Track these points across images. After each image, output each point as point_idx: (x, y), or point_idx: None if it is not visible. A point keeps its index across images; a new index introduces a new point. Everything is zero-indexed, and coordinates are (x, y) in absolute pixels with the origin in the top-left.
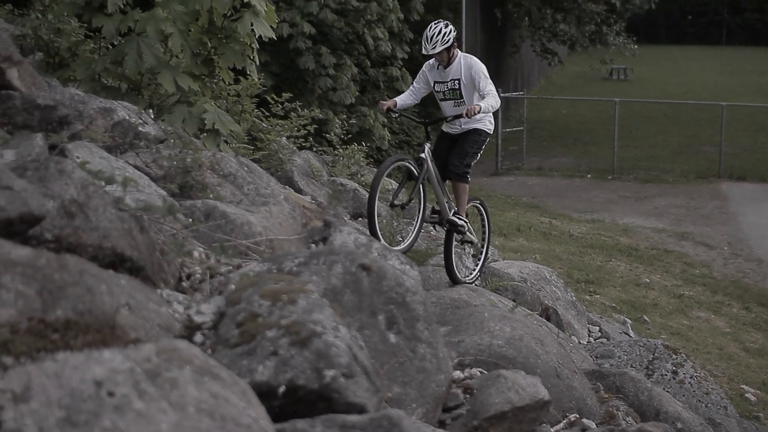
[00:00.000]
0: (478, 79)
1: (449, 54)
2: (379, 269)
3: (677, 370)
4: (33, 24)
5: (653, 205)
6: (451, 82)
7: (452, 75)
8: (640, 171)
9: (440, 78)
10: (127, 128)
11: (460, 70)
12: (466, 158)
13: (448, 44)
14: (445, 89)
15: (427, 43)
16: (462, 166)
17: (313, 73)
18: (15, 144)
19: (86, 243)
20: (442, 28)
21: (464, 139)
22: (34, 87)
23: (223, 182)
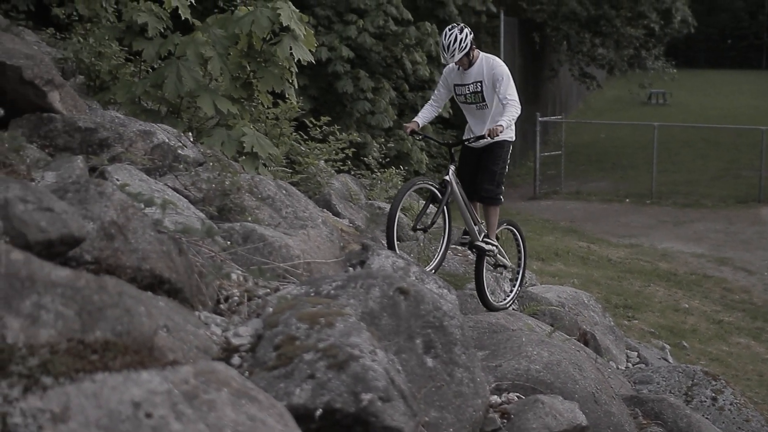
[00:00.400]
0: (499, 82)
1: (469, 58)
2: (416, 293)
3: (717, 397)
4: (74, 47)
5: (692, 230)
6: (473, 84)
7: (474, 77)
8: (679, 196)
9: (461, 80)
10: (167, 151)
11: (482, 72)
12: (495, 178)
13: (466, 50)
14: (466, 92)
15: (444, 52)
16: (494, 189)
17: (352, 96)
18: (56, 166)
19: (125, 265)
20: (457, 34)
21: (488, 158)
22: (75, 110)
23: (262, 205)
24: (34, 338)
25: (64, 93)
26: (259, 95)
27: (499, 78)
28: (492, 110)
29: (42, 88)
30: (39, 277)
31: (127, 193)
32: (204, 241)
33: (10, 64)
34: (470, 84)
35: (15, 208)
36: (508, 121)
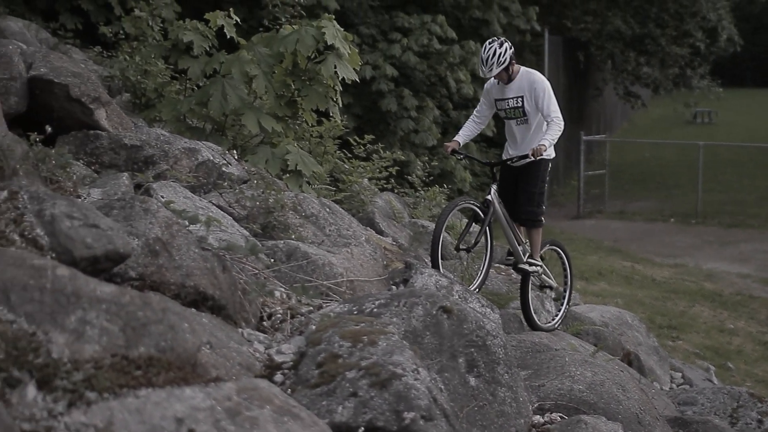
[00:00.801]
0: (541, 98)
1: (508, 73)
2: (459, 312)
3: (762, 419)
4: (121, 65)
5: (738, 250)
6: (513, 99)
7: (514, 92)
8: (724, 215)
9: (501, 95)
10: (211, 168)
11: (523, 87)
12: (534, 199)
13: (505, 64)
14: (507, 107)
15: (483, 66)
16: (535, 210)
17: (396, 115)
18: (102, 183)
19: (169, 281)
20: (496, 48)
21: (527, 179)
22: (121, 127)
23: (305, 223)
24: (79, 353)
25: (111, 110)
26: (304, 113)
27: (540, 93)
28: (533, 125)
29: (89, 106)
30: (84, 292)
31: (171, 210)
32: (248, 259)
33: (58, 82)
34: (510, 99)
35: (61, 225)
36: (552, 139)
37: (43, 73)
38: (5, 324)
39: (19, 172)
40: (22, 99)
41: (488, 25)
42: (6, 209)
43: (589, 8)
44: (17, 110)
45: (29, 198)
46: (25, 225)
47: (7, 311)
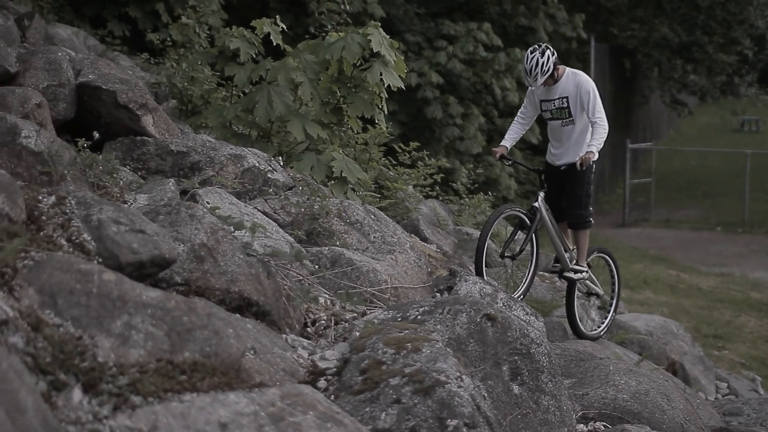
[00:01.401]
0: (587, 99)
1: (554, 78)
2: (504, 320)
3: None
4: (168, 72)
5: None
6: (559, 100)
7: (559, 92)
8: None
9: (546, 96)
10: (257, 175)
11: (569, 88)
12: (581, 201)
13: (549, 72)
14: (552, 107)
15: (527, 76)
16: (583, 213)
17: (441, 122)
18: (148, 189)
19: (214, 287)
20: (539, 57)
21: (572, 183)
22: (168, 133)
23: (350, 230)
24: (125, 357)
25: (157, 117)
26: (349, 120)
27: (586, 94)
28: (578, 126)
29: (136, 112)
30: (130, 297)
31: (217, 216)
32: (292, 265)
33: (106, 89)
34: (556, 99)
35: (108, 230)
36: (598, 145)
37: (91, 80)
38: (52, 328)
39: (67, 178)
40: (70, 105)
41: (534, 32)
42: (54, 214)
43: (636, 15)
44: (65, 116)
45: (77, 203)
46: (73, 230)
47: (54, 315)
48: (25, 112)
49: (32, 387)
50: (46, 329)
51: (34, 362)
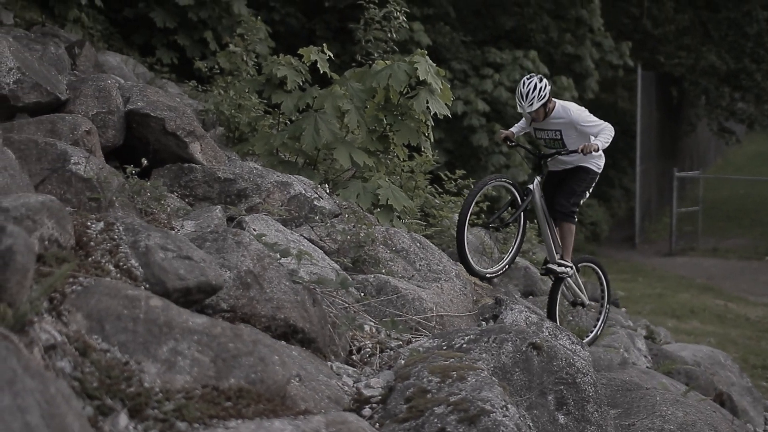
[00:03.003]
0: (581, 121)
1: (545, 109)
2: (549, 349)
3: None
4: (215, 100)
5: None
6: (552, 132)
7: (552, 125)
8: None
9: (539, 125)
10: (303, 202)
11: (561, 122)
12: (573, 197)
13: (544, 99)
14: (545, 137)
15: (522, 100)
16: (569, 205)
17: (487, 150)
18: (195, 215)
19: (260, 313)
20: (537, 82)
21: (571, 177)
22: (215, 160)
23: (396, 257)
24: (171, 383)
25: (205, 144)
26: (395, 148)
27: (582, 125)
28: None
29: (184, 139)
30: (176, 323)
31: (263, 243)
32: (338, 292)
33: (154, 116)
34: (549, 130)
35: (155, 256)
36: (604, 142)
37: (140, 107)
38: (99, 353)
39: (115, 204)
40: (119, 132)
41: (580, 60)
42: (102, 240)
43: (683, 43)
44: (114, 143)
45: (125, 229)
46: (120, 256)
47: (101, 340)
48: (75, 138)
49: (79, 411)
50: (94, 354)
51: (81, 387)
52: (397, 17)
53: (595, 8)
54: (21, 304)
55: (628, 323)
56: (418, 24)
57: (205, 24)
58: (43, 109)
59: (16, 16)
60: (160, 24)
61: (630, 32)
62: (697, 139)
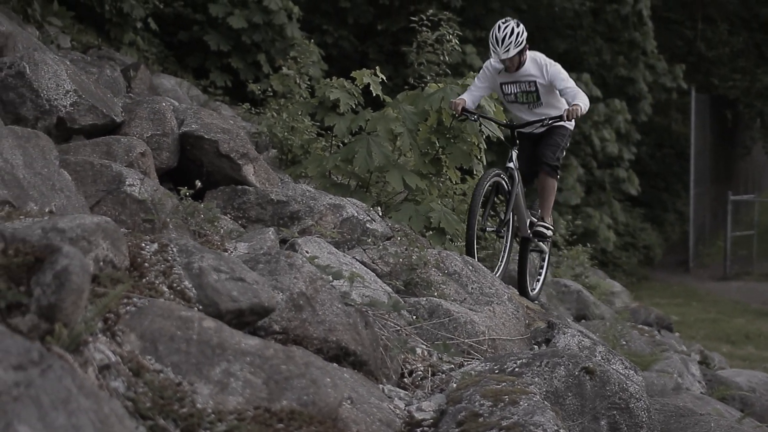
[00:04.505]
0: (558, 81)
1: (521, 58)
2: (602, 373)
3: None
4: (268, 122)
5: None
6: (526, 83)
7: (525, 75)
8: None
9: (509, 78)
10: (355, 225)
11: (533, 71)
12: (557, 151)
13: (521, 46)
14: (516, 91)
15: (497, 45)
16: (554, 157)
17: None
18: (248, 237)
19: (312, 336)
20: (514, 27)
21: (552, 132)
22: (268, 183)
23: (448, 280)
24: (223, 405)
25: (258, 166)
26: (448, 171)
27: (557, 78)
28: (544, 104)
29: (237, 162)
30: (229, 345)
31: (316, 266)
32: (390, 315)
33: (208, 138)
34: (522, 82)
35: (209, 278)
36: (584, 104)
37: (194, 129)
38: (153, 373)
39: (169, 226)
40: (173, 154)
41: (634, 83)
42: (156, 261)
43: (738, 65)
44: (168, 165)
45: (178, 251)
46: (174, 277)
47: (154, 361)
48: (129, 160)
49: (132, 431)
50: (147, 375)
51: (134, 407)
52: (450, 40)
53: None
54: (76, 324)
55: (682, 348)
56: (471, 47)
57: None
58: (99, 131)
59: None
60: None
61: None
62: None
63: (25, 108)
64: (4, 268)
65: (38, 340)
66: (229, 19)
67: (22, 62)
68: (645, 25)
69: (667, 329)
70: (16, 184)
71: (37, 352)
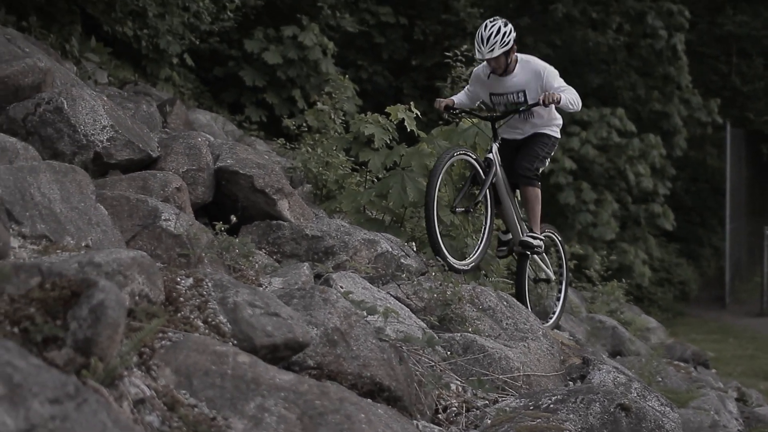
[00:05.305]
0: (551, 86)
1: (507, 59)
2: (638, 410)
3: None
4: (303, 157)
5: None
6: (514, 94)
7: (514, 86)
8: None
9: (498, 89)
10: (390, 260)
11: (524, 80)
12: (536, 161)
13: (508, 46)
14: (505, 101)
15: (482, 45)
16: (532, 168)
17: (574, 208)
18: (283, 272)
19: (346, 371)
20: (501, 26)
21: (532, 142)
22: (303, 218)
23: (482, 316)
24: None
25: (293, 201)
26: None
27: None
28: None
29: (272, 197)
30: (264, 380)
31: (350, 301)
32: (424, 351)
33: (243, 173)
34: (510, 93)
35: (243, 312)
36: (568, 99)
37: (229, 164)
38: (187, 408)
39: (204, 260)
40: (208, 189)
41: (668, 117)
42: (191, 296)
43: None
44: (204, 200)
45: (213, 285)
46: (209, 312)
47: (189, 395)
48: (165, 195)
49: None
50: (182, 409)
51: None
52: None
53: (683, 65)
54: (111, 358)
55: (719, 385)
56: None
57: (294, 82)
58: (135, 165)
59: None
60: (249, 82)
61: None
62: None
63: (62, 143)
64: (41, 301)
65: (74, 373)
66: (264, 54)
67: (60, 98)
68: (679, 59)
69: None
70: (54, 219)
71: (73, 386)
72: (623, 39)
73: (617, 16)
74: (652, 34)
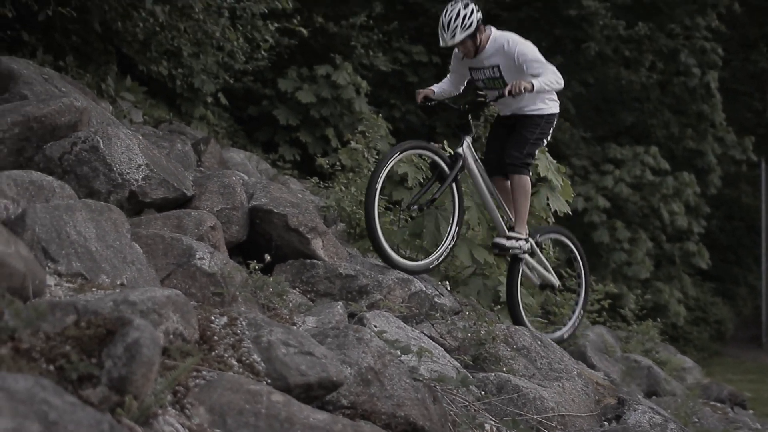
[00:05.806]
0: (526, 66)
1: (475, 41)
2: None
3: None
4: (337, 196)
5: None
6: (489, 69)
7: (489, 60)
8: None
9: (475, 63)
10: (424, 299)
11: (497, 55)
12: (526, 146)
13: (470, 30)
14: (482, 77)
15: (443, 31)
16: (521, 156)
17: (608, 247)
18: (317, 311)
19: (380, 411)
20: (461, 9)
21: (523, 126)
22: (336, 257)
23: (516, 355)
24: None
25: (327, 240)
26: None
27: (523, 61)
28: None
29: (306, 235)
30: (297, 419)
31: (384, 340)
32: (458, 390)
33: (277, 212)
34: (486, 68)
35: (277, 351)
36: (543, 82)
37: (263, 203)
38: None
39: (239, 299)
40: (242, 228)
41: (702, 155)
42: (225, 335)
43: None
44: (238, 239)
45: (247, 324)
46: (243, 350)
47: None
48: (199, 234)
49: None
50: None
51: None
52: None
53: (717, 103)
54: (146, 396)
55: (756, 426)
56: None
57: (327, 121)
58: (170, 204)
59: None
60: (283, 121)
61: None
62: None
63: (98, 182)
64: (76, 339)
65: (109, 412)
66: (297, 93)
67: (96, 137)
68: (713, 97)
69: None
70: (89, 257)
71: (108, 424)
72: (656, 77)
73: (650, 54)
74: (685, 71)
